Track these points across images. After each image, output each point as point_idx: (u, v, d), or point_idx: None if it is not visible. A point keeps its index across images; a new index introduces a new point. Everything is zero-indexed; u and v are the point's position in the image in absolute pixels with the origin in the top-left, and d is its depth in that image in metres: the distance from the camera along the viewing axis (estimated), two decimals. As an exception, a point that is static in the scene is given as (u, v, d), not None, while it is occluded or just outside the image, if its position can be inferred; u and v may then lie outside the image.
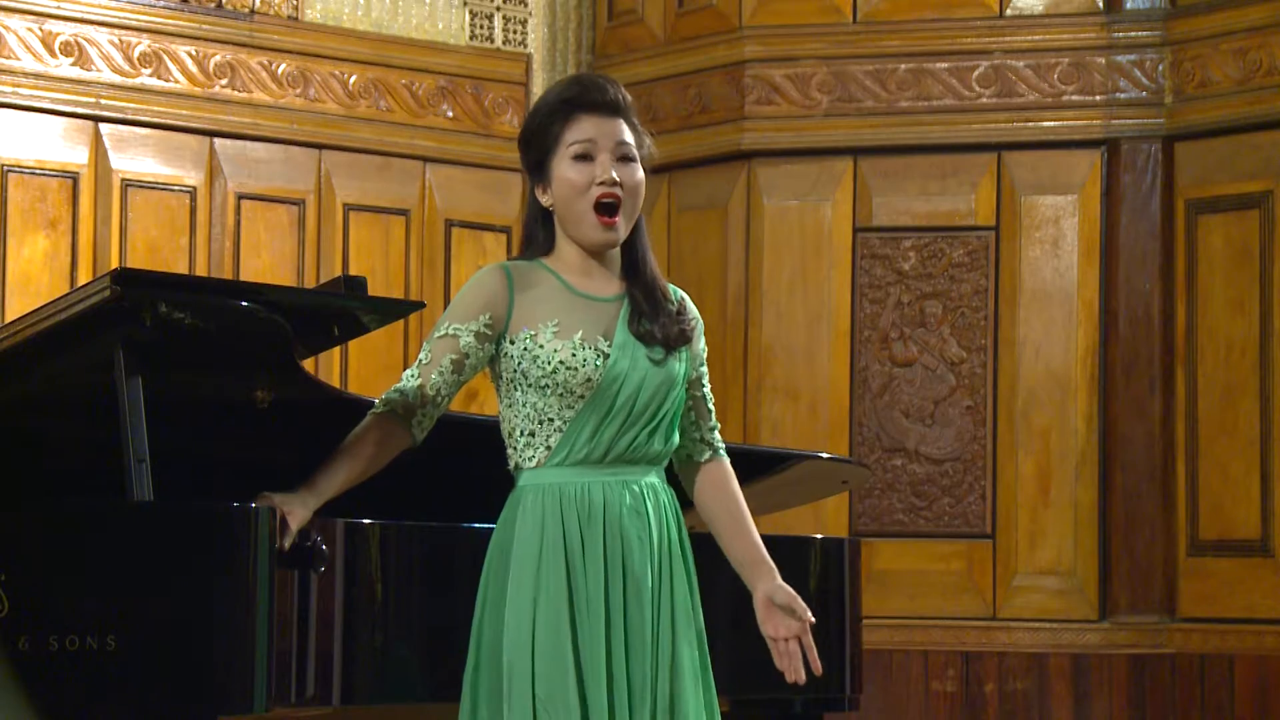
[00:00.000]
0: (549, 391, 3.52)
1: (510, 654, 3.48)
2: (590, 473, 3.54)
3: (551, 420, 3.53)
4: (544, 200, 3.60)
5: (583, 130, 3.56)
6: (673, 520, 3.60)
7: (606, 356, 3.53)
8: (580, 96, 3.57)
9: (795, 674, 3.56)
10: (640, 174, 3.58)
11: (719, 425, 3.73)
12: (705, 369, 3.70)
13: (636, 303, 3.59)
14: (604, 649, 3.48)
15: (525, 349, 3.53)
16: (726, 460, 3.71)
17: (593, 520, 3.52)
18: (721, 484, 3.68)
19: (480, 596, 3.57)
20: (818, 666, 3.57)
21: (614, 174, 3.54)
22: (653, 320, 3.58)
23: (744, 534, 3.67)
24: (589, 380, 3.51)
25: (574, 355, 3.51)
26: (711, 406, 3.70)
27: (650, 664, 3.52)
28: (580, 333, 3.53)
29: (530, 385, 3.53)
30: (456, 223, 8.09)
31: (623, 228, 3.57)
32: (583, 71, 3.71)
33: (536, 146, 3.60)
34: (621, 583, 3.52)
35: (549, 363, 3.51)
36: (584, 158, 3.55)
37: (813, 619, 3.57)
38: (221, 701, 3.54)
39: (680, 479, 3.71)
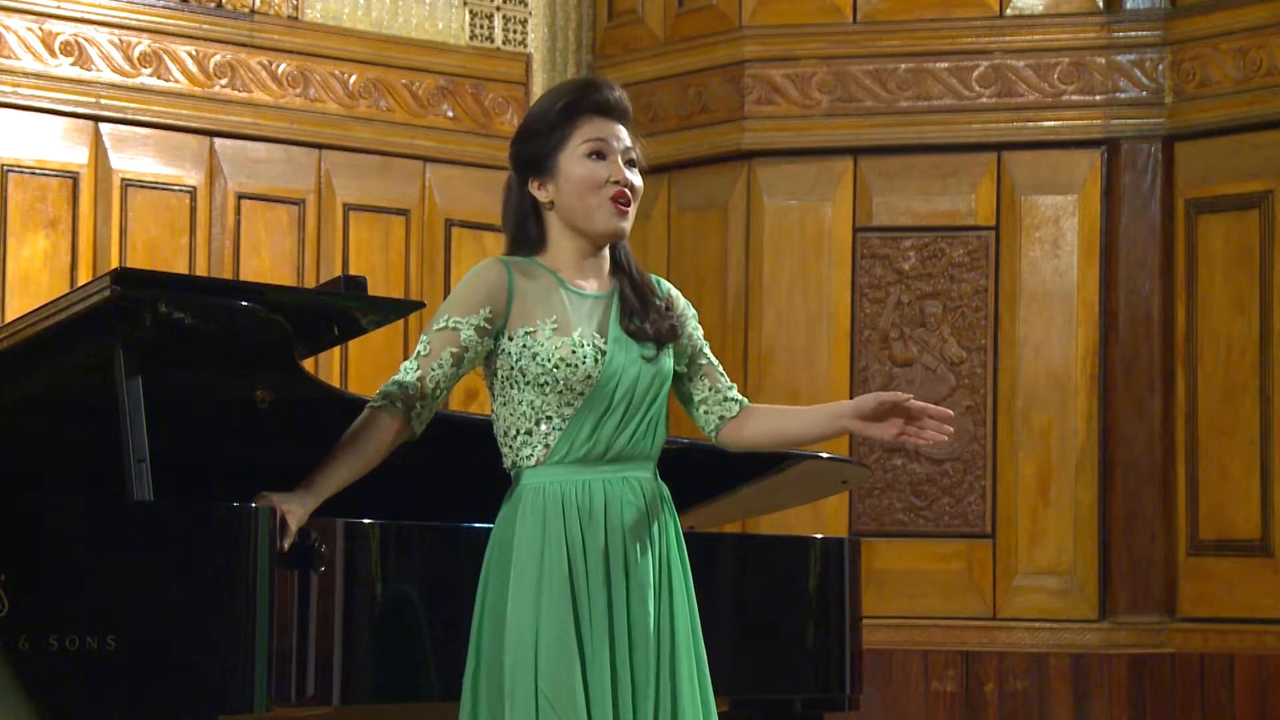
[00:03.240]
0: (548, 389, 3.53)
1: (513, 653, 3.48)
2: (590, 470, 3.55)
3: (550, 418, 3.54)
4: (542, 195, 3.61)
5: (595, 129, 3.59)
6: (669, 516, 3.62)
7: (604, 353, 3.55)
8: (590, 98, 3.61)
9: (937, 439, 3.55)
10: (641, 181, 3.64)
11: (735, 385, 3.76)
12: (705, 342, 3.74)
13: (626, 300, 3.62)
14: (608, 646, 3.49)
15: (524, 346, 3.54)
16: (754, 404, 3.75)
17: (594, 518, 3.53)
18: (760, 409, 3.72)
19: (479, 597, 3.57)
20: (944, 413, 3.55)
21: (626, 175, 3.58)
22: (643, 317, 3.61)
23: (801, 411, 3.70)
24: (589, 377, 3.53)
25: (574, 352, 3.53)
26: (723, 371, 3.75)
27: (653, 658, 3.52)
28: (579, 330, 3.55)
29: (528, 383, 3.54)
30: (456, 223, 8.09)
31: (630, 222, 3.61)
32: (589, 74, 3.76)
33: (541, 142, 3.60)
34: (624, 580, 3.52)
35: (549, 360, 3.52)
36: (597, 155, 3.58)
37: (899, 396, 3.56)
38: (221, 701, 3.54)
39: (722, 442, 3.73)
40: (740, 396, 3.74)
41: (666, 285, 3.72)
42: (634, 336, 3.59)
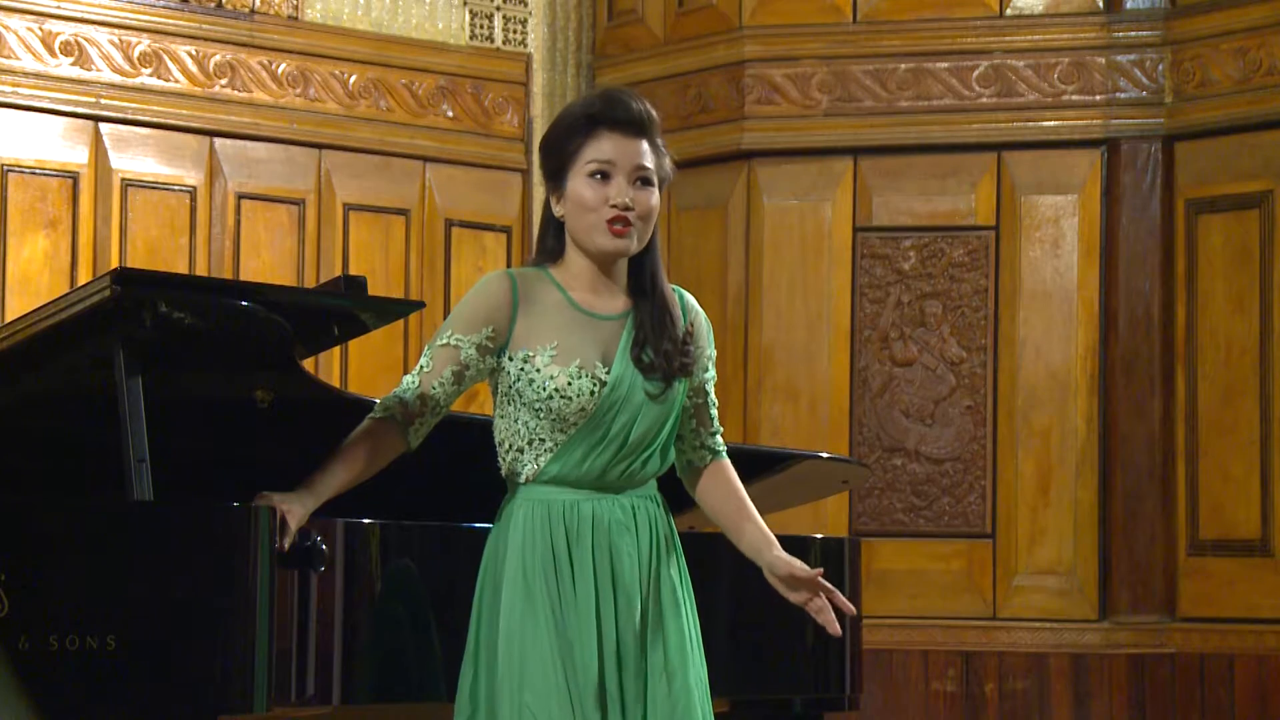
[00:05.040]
0: (542, 415, 3.49)
1: (502, 663, 3.48)
2: (581, 493, 3.52)
3: (543, 440, 3.51)
4: (556, 210, 3.57)
5: (603, 149, 3.52)
6: (664, 530, 3.58)
7: (603, 384, 3.50)
8: (605, 113, 3.53)
9: (832, 627, 3.54)
10: (655, 198, 3.54)
11: (722, 430, 3.71)
12: (713, 374, 3.66)
13: (641, 327, 3.55)
14: (596, 660, 3.47)
15: (522, 370, 3.50)
16: (727, 460, 3.69)
17: (581, 534, 3.51)
18: (723, 481, 3.67)
19: (475, 607, 3.57)
20: (848, 608, 3.56)
21: (628, 199, 3.51)
22: (656, 349, 3.53)
23: (744, 513, 3.65)
24: (583, 410, 3.48)
25: (570, 384, 3.48)
26: (715, 412, 3.67)
27: (643, 675, 3.51)
28: (578, 360, 3.49)
29: (524, 404, 3.51)
30: (456, 222, 8.09)
31: (634, 241, 3.54)
32: (612, 87, 3.70)
33: (556, 156, 3.56)
34: (612, 594, 3.50)
35: (544, 389, 3.48)
36: (601, 176, 3.52)
37: (813, 574, 3.55)
38: (221, 701, 3.54)
39: (684, 485, 3.70)
40: (718, 446, 3.67)
41: (693, 304, 3.64)
42: (641, 369, 3.53)
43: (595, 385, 3.49)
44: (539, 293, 3.55)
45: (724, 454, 3.69)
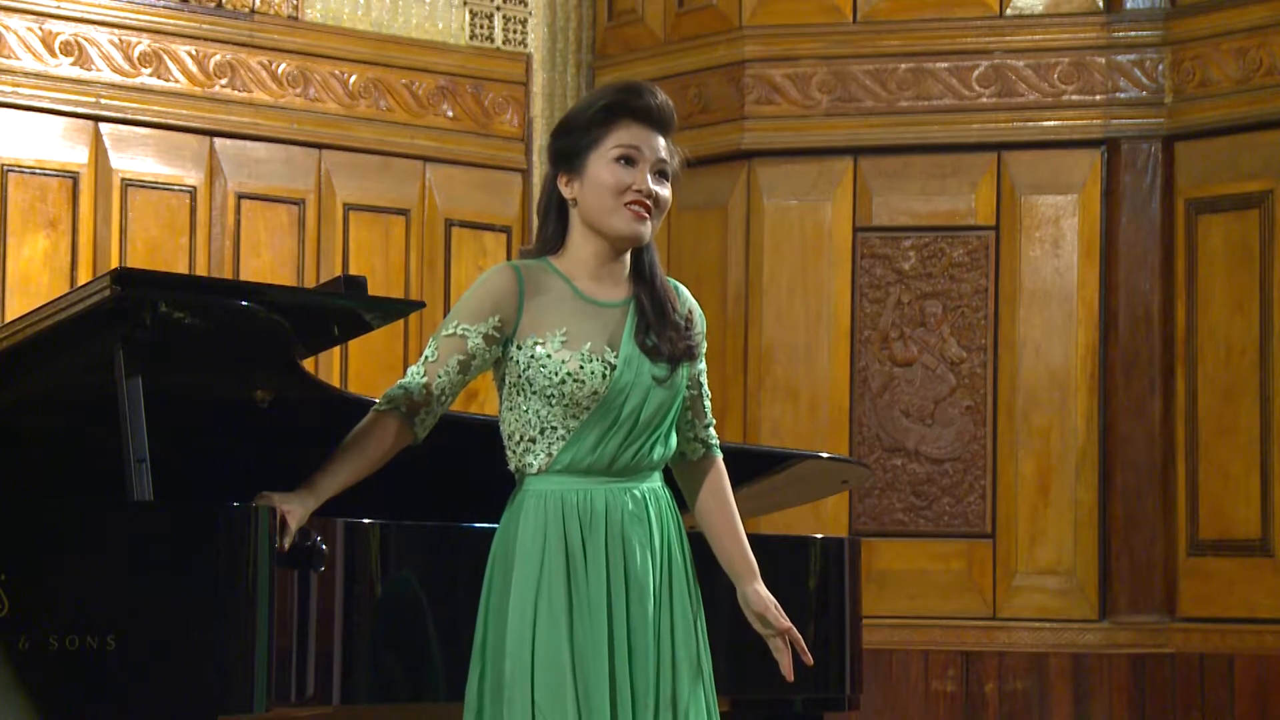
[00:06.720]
0: (554, 401, 3.50)
1: (511, 659, 3.48)
2: (593, 481, 3.53)
3: (555, 429, 3.52)
4: (567, 191, 3.59)
5: (631, 135, 3.56)
6: (673, 523, 3.60)
7: (613, 368, 3.51)
8: (634, 102, 3.58)
9: (786, 671, 3.58)
10: (669, 193, 3.59)
11: (714, 422, 3.73)
12: (704, 365, 3.69)
13: (643, 313, 3.57)
14: (606, 653, 3.48)
15: (532, 357, 3.51)
16: (720, 458, 3.71)
17: (594, 525, 3.52)
18: (714, 485, 3.69)
19: (483, 603, 3.57)
20: (807, 658, 3.61)
21: (651, 186, 3.55)
22: (659, 334, 3.56)
23: (731, 535, 3.69)
24: (595, 393, 3.50)
25: (581, 368, 3.49)
26: (708, 404, 3.70)
27: (653, 667, 3.51)
28: (588, 344, 3.52)
29: (535, 393, 3.52)
30: (456, 222, 8.09)
31: (648, 230, 3.57)
32: (636, 80, 3.76)
33: (577, 137, 3.58)
34: (624, 586, 3.51)
35: (556, 374, 3.49)
36: (627, 161, 3.55)
37: (783, 627, 3.60)
38: (221, 701, 3.54)
39: (674, 476, 3.71)
40: (712, 440, 3.69)
41: (687, 296, 3.67)
42: (647, 353, 3.55)
43: (606, 368, 3.51)
44: (543, 282, 3.57)
45: (717, 450, 3.71)
